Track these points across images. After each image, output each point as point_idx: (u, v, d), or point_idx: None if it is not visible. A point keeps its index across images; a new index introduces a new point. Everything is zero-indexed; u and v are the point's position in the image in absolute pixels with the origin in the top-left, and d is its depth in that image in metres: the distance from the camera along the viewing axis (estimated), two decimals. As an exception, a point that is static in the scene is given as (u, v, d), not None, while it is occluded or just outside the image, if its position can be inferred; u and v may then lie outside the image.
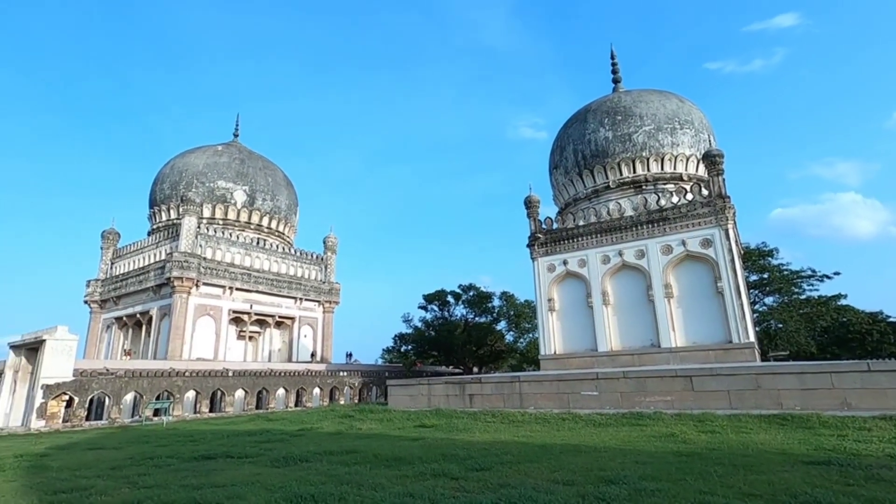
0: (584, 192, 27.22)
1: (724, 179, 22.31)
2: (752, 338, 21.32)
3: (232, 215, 46.49)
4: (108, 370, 24.24)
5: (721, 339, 20.75)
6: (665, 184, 25.36)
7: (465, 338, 40.13)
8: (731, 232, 21.64)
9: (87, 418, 23.12)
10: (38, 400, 20.15)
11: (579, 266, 24.87)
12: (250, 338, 45.19)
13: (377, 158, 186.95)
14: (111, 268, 46.11)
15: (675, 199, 23.50)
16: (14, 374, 22.31)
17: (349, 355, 47.28)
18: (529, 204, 26.89)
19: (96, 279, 45.48)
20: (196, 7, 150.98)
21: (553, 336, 24.98)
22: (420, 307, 43.11)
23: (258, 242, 45.94)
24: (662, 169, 25.57)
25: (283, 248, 48.79)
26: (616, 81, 30.65)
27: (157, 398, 24.30)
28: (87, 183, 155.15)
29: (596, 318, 23.85)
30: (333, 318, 51.78)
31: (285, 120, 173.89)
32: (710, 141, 26.30)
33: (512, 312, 42.72)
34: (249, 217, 47.40)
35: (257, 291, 44.25)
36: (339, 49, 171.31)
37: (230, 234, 43.95)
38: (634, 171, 25.80)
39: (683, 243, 22.29)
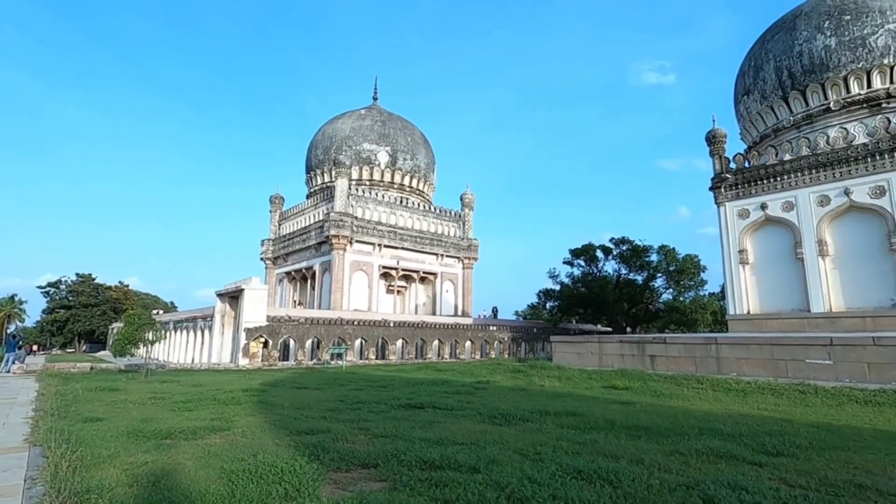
0: (790, 119, 22.11)
1: None
2: None
3: (377, 176, 48.38)
4: (290, 317, 26.81)
5: None
6: (919, 98, 19.36)
7: (617, 295, 37.23)
8: None
9: (279, 359, 25.96)
10: (242, 341, 22.93)
11: (784, 210, 20.52)
12: (398, 292, 47.48)
13: (511, 110, 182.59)
14: (279, 228, 51.48)
15: (937, 116, 17.78)
16: (221, 319, 25.76)
17: (495, 310, 47.37)
18: (713, 139, 22.78)
19: (268, 239, 51.20)
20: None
21: (745, 294, 21.31)
22: (566, 262, 40.98)
23: (401, 201, 47.34)
24: (914, 78, 19.49)
25: (424, 206, 49.76)
26: (833, -26, 23.95)
27: (333, 344, 26.36)
28: (256, 155, 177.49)
29: (808, 272, 19.63)
30: (473, 274, 52.17)
31: (419, 79, 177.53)
32: None
33: (672, 268, 38.35)
34: (392, 177, 48.92)
35: (402, 248, 45.94)
36: None
37: (376, 194, 45.81)
38: (869, 86, 20.05)
39: (952, 174, 16.85)
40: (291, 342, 26.38)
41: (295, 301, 48.20)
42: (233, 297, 25.60)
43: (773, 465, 5.48)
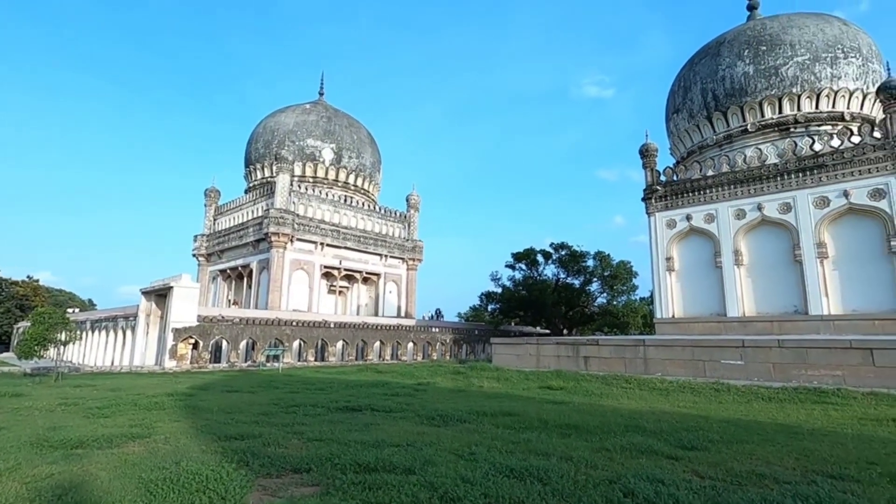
0: (714, 138, 23.94)
1: (904, 117, 18.40)
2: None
3: (321, 173, 47.22)
4: (223, 317, 25.58)
5: (892, 307, 17.60)
6: (820, 125, 21.55)
7: (555, 298, 38.57)
8: (911, 181, 17.99)
9: (210, 361, 24.67)
10: (169, 342, 21.58)
11: (706, 222, 22.15)
12: (340, 292, 46.54)
13: (457, 114, 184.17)
14: (214, 223, 48.95)
15: (834, 142, 19.88)
16: (146, 318, 24.11)
17: (438, 312, 47.68)
18: (646, 152, 24.19)
19: (202, 234, 48.54)
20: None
21: (671, 298, 22.77)
22: (507, 266, 41.98)
23: (345, 200, 46.51)
24: (817, 107, 21.67)
25: (368, 206, 49.16)
26: (752, 8, 26.19)
27: (269, 345, 25.41)
28: (191, 141, 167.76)
29: (725, 279, 21.28)
30: (417, 275, 52.12)
31: (367, 77, 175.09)
32: (880, 72, 21.83)
33: (607, 273, 40.30)
34: (337, 175, 47.94)
35: (345, 248, 45.10)
36: None
37: (319, 192, 44.73)
38: (780, 112, 22.12)
39: (845, 195, 18.89)
40: (224, 343, 25.16)
41: (229, 300, 46.02)
42: (160, 294, 24.02)
43: (688, 458, 5.90)
